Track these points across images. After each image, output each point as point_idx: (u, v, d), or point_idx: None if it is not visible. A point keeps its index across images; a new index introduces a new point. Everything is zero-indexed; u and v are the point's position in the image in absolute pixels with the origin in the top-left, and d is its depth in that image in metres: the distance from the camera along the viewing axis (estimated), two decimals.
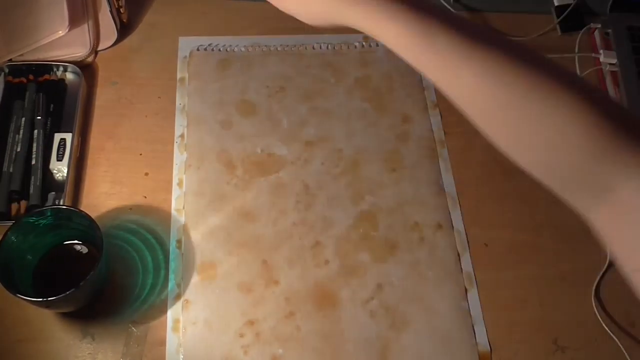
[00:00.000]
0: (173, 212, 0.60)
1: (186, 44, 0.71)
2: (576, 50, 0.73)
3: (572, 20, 0.76)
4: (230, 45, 0.71)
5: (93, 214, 0.59)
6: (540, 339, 0.57)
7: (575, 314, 0.59)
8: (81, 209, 0.55)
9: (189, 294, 0.57)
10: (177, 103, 0.67)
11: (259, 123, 0.66)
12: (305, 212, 0.61)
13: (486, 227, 0.62)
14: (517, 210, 0.64)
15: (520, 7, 0.77)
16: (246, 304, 0.56)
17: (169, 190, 0.62)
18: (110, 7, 0.68)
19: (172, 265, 0.58)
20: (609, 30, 0.74)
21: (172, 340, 0.55)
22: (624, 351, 0.57)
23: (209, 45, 0.71)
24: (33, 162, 0.60)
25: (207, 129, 0.65)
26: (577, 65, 0.71)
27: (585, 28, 0.75)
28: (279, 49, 0.71)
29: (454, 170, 0.65)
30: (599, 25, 0.75)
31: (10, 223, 0.56)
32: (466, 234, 0.62)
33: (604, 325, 0.58)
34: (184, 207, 0.61)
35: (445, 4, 0.75)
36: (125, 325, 0.55)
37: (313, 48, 0.71)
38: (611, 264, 0.61)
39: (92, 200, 0.61)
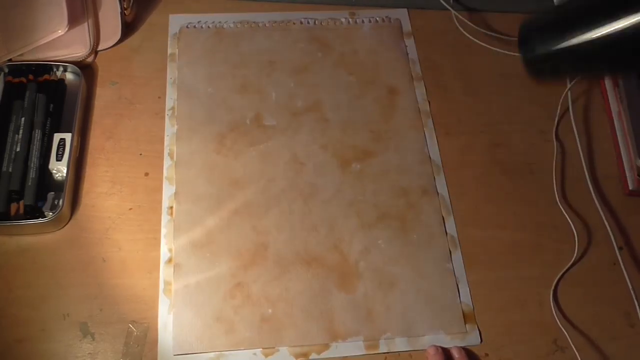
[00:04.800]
0: (165, 180, 0.62)
1: (176, 21, 0.72)
2: None
3: None
4: (220, 22, 0.72)
5: (92, 214, 0.59)
6: (540, 339, 0.57)
7: (575, 313, 0.59)
8: (80, 208, 0.57)
9: (180, 258, 0.58)
10: (168, 77, 0.68)
11: (249, 96, 0.67)
12: (294, 179, 0.63)
13: (485, 228, 0.62)
14: (517, 210, 0.63)
15: (520, 7, 0.75)
16: (236, 267, 0.58)
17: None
18: (121, 7, 0.68)
19: (163, 231, 0.59)
20: None
21: (164, 301, 0.56)
22: (625, 352, 0.57)
23: (198, 22, 0.72)
24: (31, 162, 0.60)
25: (197, 102, 0.66)
26: None
27: None
28: (267, 24, 0.73)
29: (438, 139, 0.67)
30: None
31: (9, 223, 0.56)
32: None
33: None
34: (175, 176, 0.62)
35: (445, 4, 0.75)
36: (125, 325, 0.55)
37: (301, 23, 0.73)
38: (613, 264, 0.61)
39: (92, 200, 0.61)
